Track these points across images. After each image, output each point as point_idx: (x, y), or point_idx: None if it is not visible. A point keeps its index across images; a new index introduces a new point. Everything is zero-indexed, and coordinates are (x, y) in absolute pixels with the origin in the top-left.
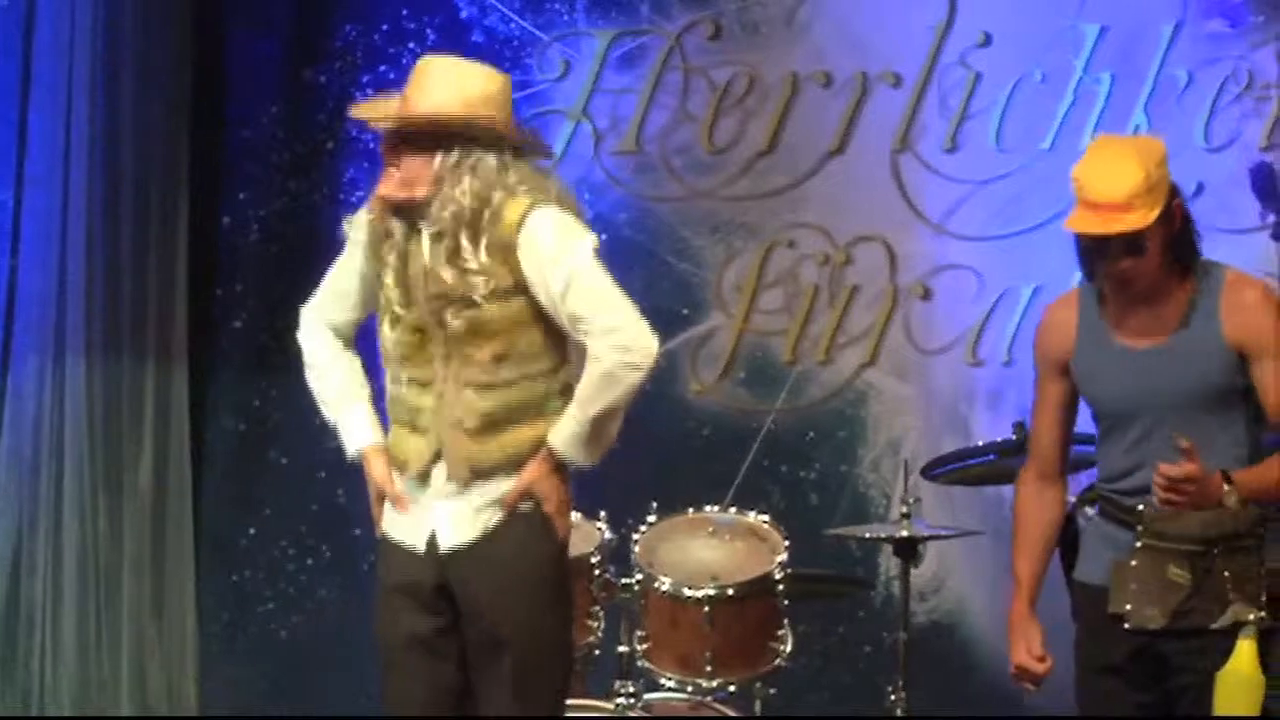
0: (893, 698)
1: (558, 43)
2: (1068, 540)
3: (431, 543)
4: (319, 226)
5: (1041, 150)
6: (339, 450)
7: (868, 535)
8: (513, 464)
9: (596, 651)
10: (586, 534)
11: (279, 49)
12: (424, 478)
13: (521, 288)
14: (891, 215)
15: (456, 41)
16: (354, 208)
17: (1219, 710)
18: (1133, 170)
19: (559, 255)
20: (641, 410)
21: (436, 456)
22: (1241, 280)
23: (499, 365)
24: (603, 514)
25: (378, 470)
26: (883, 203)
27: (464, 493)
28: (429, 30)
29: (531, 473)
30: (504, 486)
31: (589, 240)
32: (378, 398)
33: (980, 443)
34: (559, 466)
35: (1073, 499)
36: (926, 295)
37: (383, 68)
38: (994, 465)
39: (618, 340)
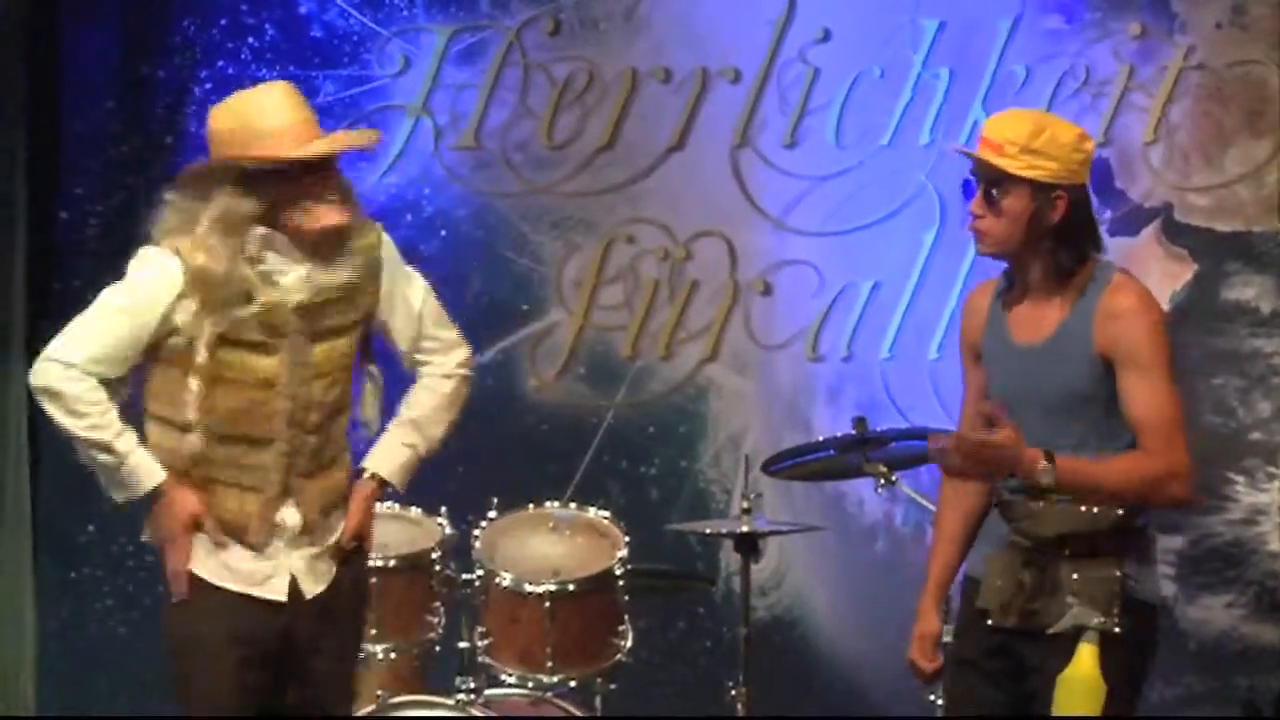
0: (733, 693)
1: (397, 38)
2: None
3: (294, 591)
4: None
5: (880, 146)
6: None
7: (708, 531)
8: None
9: (437, 648)
10: (427, 530)
11: (115, 44)
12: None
13: None
14: (731, 211)
15: (295, 37)
16: None
17: (1057, 713)
18: (1027, 122)
19: None
20: (482, 406)
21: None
22: (1123, 285)
23: None
24: (443, 509)
25: (192, 500)
26: (723, 198)
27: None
28: (268, 25)
29: (368, 511)
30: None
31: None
32: None
33: (820, 438)
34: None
35: None
36: (767, 291)
37: (221, 63)
38: (833, 460)
39: None
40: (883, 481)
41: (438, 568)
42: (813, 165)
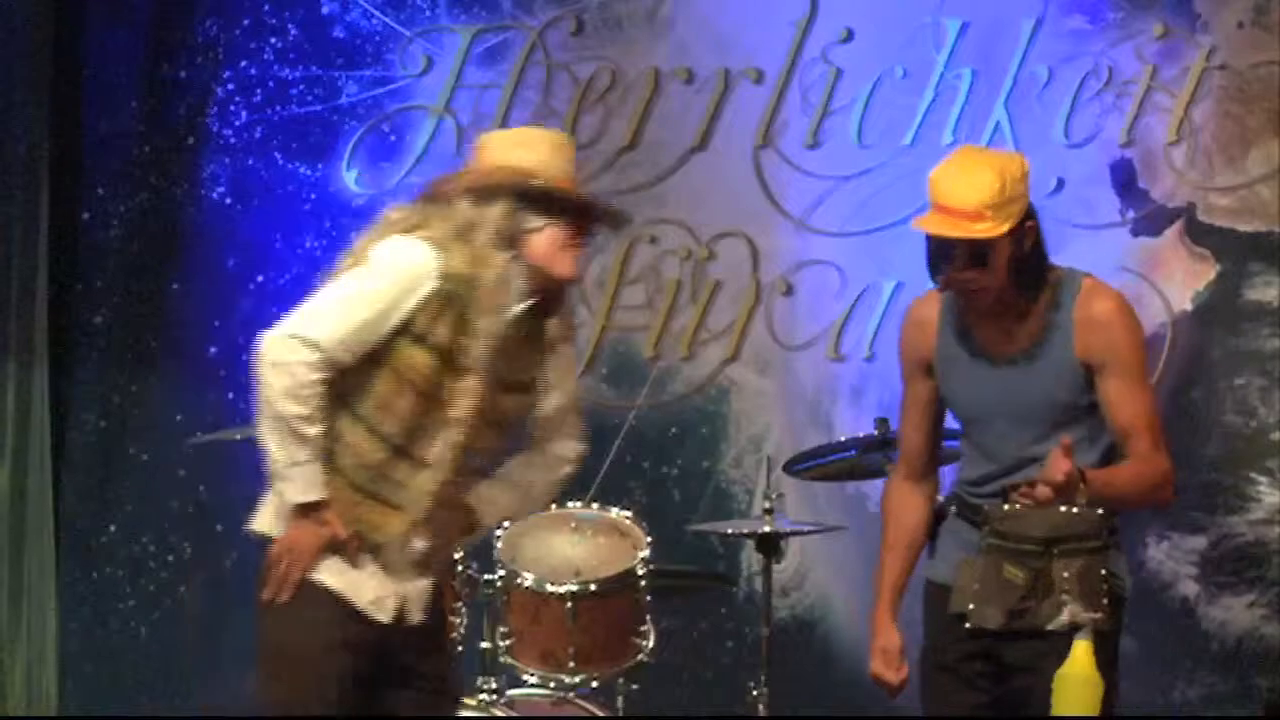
0: (754, 693)
1: (420, 39)
2: (932, 539)
3: (399, 616)
4: (179, 222)
5: (903, 146)
6: (198, 447)
7: (730, 531)
8: None
9: (459, 648)
10: None
11: (138, 43)
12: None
13: None
14: (754, 211)
15: (318, 37)
16: (214, 204)
17: (1056, 711)
18: (988, 180)
19: None
20: None
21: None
22: (1095, 291)
23: None
24: None
25: (338, 524)
26: (745, 199)
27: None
28: (291, 25)
29: None
30: None
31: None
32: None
33: (842, 438)
34: None
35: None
36: (789, 291)
37: (244, 63)
38: (855, 461)
39: None
40: None
41: (460, 568)
42: (835, 165)
